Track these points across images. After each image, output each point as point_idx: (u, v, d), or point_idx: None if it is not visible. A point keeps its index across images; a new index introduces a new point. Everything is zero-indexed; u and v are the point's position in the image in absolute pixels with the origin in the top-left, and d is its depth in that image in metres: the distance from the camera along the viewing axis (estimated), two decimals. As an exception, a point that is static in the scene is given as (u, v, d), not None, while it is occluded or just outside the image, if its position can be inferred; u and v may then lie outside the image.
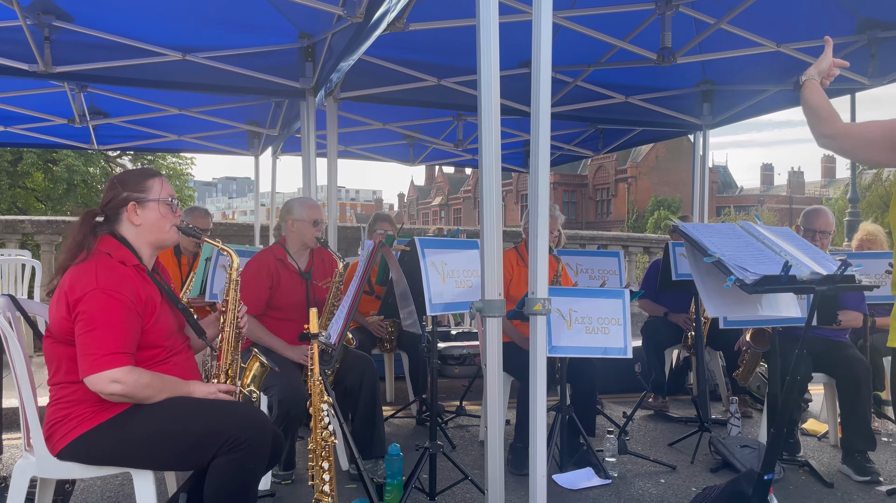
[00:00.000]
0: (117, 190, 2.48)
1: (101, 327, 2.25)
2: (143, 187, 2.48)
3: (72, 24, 4.33)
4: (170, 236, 2.54)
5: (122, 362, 2.26)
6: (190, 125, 7.11)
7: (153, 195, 2.49)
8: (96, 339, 2.25)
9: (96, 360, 2.24)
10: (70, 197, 19.01)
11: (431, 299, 3.18)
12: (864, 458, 3.94)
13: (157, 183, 2.51)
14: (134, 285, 2.35)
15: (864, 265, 4.49)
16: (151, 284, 2.46)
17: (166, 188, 2.53)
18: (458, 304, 3.36)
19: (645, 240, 10.67)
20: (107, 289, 2.28)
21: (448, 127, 7.28)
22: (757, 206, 53.54)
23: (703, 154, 6.51)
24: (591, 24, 4.58)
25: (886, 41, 4.52)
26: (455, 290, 3.32)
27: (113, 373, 2.24)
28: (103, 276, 2.30)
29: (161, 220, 2.50)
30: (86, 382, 2.26)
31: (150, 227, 2.48)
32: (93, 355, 2.24)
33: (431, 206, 75.18)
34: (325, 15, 4.19)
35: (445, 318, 6.96)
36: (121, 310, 2.28)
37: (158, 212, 2.49)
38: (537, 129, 2.41)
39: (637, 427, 4.99)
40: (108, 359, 2.24)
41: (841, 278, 2.64)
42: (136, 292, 2.35)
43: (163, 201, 2.50)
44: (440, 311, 3.28)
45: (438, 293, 3.22)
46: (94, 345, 2.25)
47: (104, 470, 2.44)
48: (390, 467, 3.42)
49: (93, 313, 2.26)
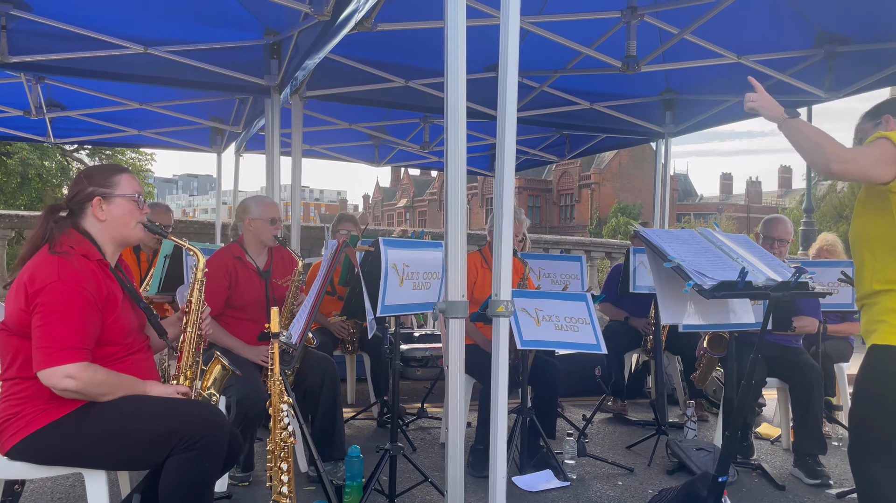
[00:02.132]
0: (83, 184, 2.44)
1: (59, 320, 2.20)
2: (109, 182, 2.45)
3: (30, 14, 4.22)
4: (135, 233, 2.51)
5: (78, 357, 2.21)
6: (151, 120, 6.98)
7: (119, 191, 2.46)
8: (53, 332, 2.19)
9: (52, 354, 2.18)
10: (24, 191, 18.51)
11: (384, 301, 3.15)
12: (816, 462, 4.04)
13: (125, 179, 2.49)
14: (96, 280, 2.31)
15: (818, 273, 4.63)
16: (114, 280, 2.42)
17: (133, 184, 2.50)
18: (412, 306, 3.35)
19: (607, 245, 10.80)
20: (67, 282, 2.23)
21: (414, 129, 7.28)
22: (716, 214, 54.65)
23: (665, 162, 6.61)
24: (558, 31, 4.62)
25: (843, 55, 4.65)
26: (412, 293, 3.30)
27: (68, 369, 2.19)
28: (65, 269, 2.25)
29: (126, 217, 2.47)
30: (39, 376, 2.21)
31: (115, 222, 2.45)
32: (48, 348, 2.19)
33: (396, 207, 75.04)
34: (292, 12, 4.15)
35: (408, 320, 6.95)
36: (80, 304, 2.24)
37: (124, 208, 2.46)
38: (503, 133, 2.43)
39: (596, 430, 5.04)
40: (63, 354, 2.19)
41: (795, 285, 2.70)
42: (98, 287, 2.30)
43: (129, 197, 2.47)
44: (390, 313, 3.25)
45: (393, 295, 3.19)
46: (50, 338, 2.19)
47: (55, 470, 2.38)
48: (350, 469, 3.40)
49: (51, 305, 2.20)
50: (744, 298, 3.28)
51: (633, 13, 4.02)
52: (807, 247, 13.41)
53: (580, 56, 5.00)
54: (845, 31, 4.45)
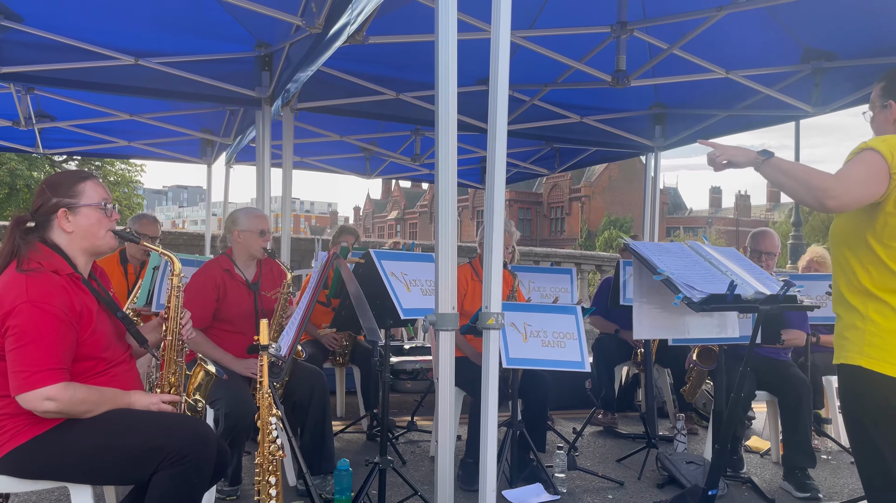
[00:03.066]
0: (46, 196, 2.36)
1: (33, 342, 2.14)
2: (73, 192, 2.36)
3: (21, 25, 4.21)
4: (105, 241, 2.43)
5: (57, 378, 2.16)
6: (141, 131, 6.96)
7: (84, 200, 2.37)
8: (28, 355, 2.14)
9: (28, 378, 2.13)
10: (12, 201, 18.44)
11: (402, 305, 3.18)
12: (805, 475, 4.05)
13: (89, 186, 2.39)
14: (67, 296, 2.24)
15: (806, 286, 4.66)
16: (87, 293, 2.36)
17: (99, 191, 2.41)
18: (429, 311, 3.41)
19: (597, 258, 10.84)
20: (38, 302, 2.17)
21: (405, 141, 7.29)
22: (706, 228, 54.95)
23: (655, 175, 6.65)
24: (548, 45, 4.66)
25: (830, 71, 4.70)
26: (423, 298, 3.35)
27: (47, 391, 2.14)
28: (34, 288, 2.19)
29: (94, 226, 2.38)
30: (18, 400, 2.16)
31: (83, 233, 2.37)
32: (25, 372, 2.14)
33: (387, 219, 75.07)
34: (284, 24, 4.16)
35: (399, 333, 6.94)
36: (53, 324, 2.18)
37: (91, 217, 2.38)
38: (494, 146, 2.44)
39: (586, 443, 5.04)
40: (41, 377, 2.14)
41: (783, 298, 2.72)
42: (70, 303, 2.24)
43: (95, 206, 2.38)
44: (415, 316, 3.32)
45: (407, 300, 3.23)
46: (25, 361, 2.14)
47: (40, 484, 2.35)
48: (339, 482, 3.38)
49: (24, 327, 2.15)
50: (732, 312, 3.30)
51: (622, 28, 4.05)
52: (795, 260, 13.50)
53: (570, 70, 5.04)
54: (832, 47, 4.51)
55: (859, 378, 2.18)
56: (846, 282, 2.29)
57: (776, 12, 4.17)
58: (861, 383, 2.18)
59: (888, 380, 2.11)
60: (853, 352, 2.21)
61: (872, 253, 2.19)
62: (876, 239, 2.18)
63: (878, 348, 2.14)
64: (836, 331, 2.34)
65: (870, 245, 2.19)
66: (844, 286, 2.30)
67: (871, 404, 2.17)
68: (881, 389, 2.13)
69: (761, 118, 5.55)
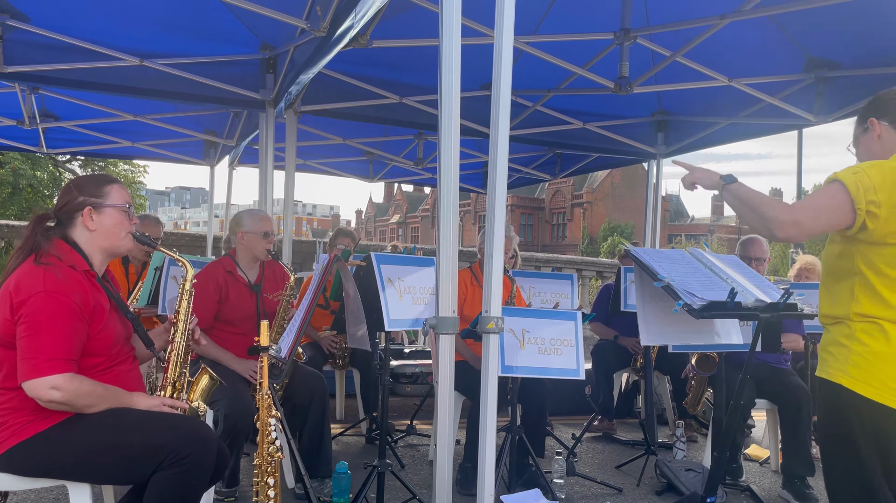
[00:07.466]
0: (73, 194, 2.44)
1: (45, 331, 2.19)
2: (100, 192, 2.45)
3: (27, 24, 4.23)
4: (124, 243, 2.51)
5: (64, 368, 2.20)
6: (144, 132, 6.98)
7: (110, 201, 2.46)
8: (39, 343, 2.18)
9: (37, 365, 2.17)
10: (15, 201, 18.46)
11: (389, 315, 3.16)
12: (804, 484, 4.04)
13: (116, 189, 2.49)
14: (82, 290, 2.30)
15: (807, 294, 4.64)
16: (101, 291, 2.41)
17: (123, 194, 2.51)
18: (416, 322, 3.35)
19: (598, 264, 10.84)
20: (53, 293, 2.22)
21: (408, 145, 7.31)
22: (707, 235, 54.86)
23: (657, 182, 6.66)
24: (551, 51, 4.67)
25: (832, 80, 4.72)
26: (412, 307, 3.32)
27: (53, 380, 2.17)
28: (50, 279, 2.24)
29: (116, 227, 2.46)
30: (24, 387, 2.19)
31: (105, 233, 2.45)
32: (34, 359, 2.17)
33: (389, 223, 75.05)
34: (288, 27, 4.18)
35: (399, 336, 6.94)
36: (66, 315, 2.22)
37: (115, 218, 2.46)
38: (496, 151, 2.44)
39: (585, 449, 5.03)
40: (49, 365, 2.17)
41: (784, 306, 2.72)
42: (85, 297, 2.29)
43: (119, 208, 2.47)
44: (397, 328, 3.27)
45: (396, 309, 3.21)
46: (36, 349, 2.18)
47: (39, 482, 2.35)
48: (337, 485, 3.38)
49: (37, 316, 2.19)
50: (733, 319, 3.30)
51: (626, 35, 4.07)
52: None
53: (573, 76, 5.05)
54: (835, 56, 4.52)
55: (839, 396, 2.18)
56: (832, 302, 2.28)
57: (779, 21, 4.18)
58: (840, 401, 2.18)
59: (867, 402, 2.11)
60: (836, 369, 2.20)
61: (864, 280, 2.16)
62: (867, 265, 2.15)
63: (861, 369, 2.13)
64: (822, 342, 2.33)
65: (861, 272, 2.17)
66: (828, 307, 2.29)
67: (847, 423, 2.16)
68: (859, 411, 2.13)
69: (763, 126, 5.56)
